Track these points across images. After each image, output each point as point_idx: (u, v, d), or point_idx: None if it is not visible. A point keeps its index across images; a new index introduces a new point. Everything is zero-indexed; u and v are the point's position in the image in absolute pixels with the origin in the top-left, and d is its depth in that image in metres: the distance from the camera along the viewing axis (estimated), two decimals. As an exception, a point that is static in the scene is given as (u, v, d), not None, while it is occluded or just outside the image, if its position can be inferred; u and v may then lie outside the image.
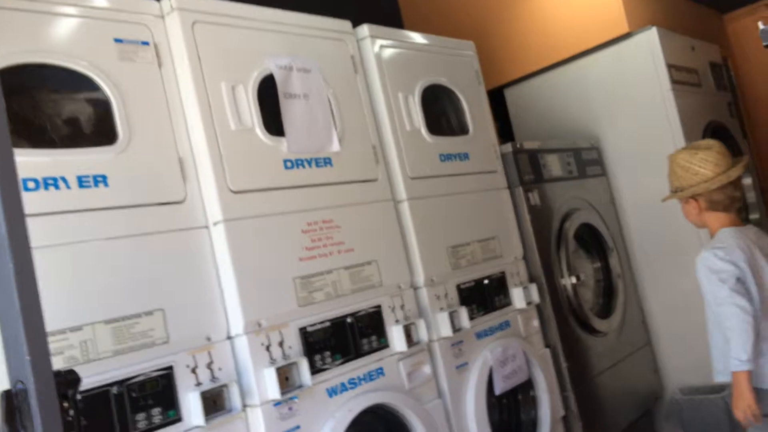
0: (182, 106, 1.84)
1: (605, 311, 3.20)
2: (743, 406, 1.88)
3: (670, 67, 3.36)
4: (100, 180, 1.63)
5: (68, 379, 0.88)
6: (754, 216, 3.81)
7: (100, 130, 1.69)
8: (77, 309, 1.53)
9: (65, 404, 0.86)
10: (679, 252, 3.28)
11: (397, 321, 2.20)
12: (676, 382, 3.38)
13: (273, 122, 2.00)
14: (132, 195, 1.68)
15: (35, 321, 0.85)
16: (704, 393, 3.08)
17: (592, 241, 3.30)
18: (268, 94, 2.01)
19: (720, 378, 2.09)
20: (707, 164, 2.02)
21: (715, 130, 3.59)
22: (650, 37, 3.35)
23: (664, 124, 3.34)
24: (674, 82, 3.36)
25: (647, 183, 3.34)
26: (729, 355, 1.92)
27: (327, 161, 2.12)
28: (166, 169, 1.77)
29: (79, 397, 0.89)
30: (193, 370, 1.68)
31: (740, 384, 1.89)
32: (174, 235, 1.74)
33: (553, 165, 3.13)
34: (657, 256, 3.41)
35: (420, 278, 2.34)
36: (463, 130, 2.76)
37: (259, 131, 1.94)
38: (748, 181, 3.84)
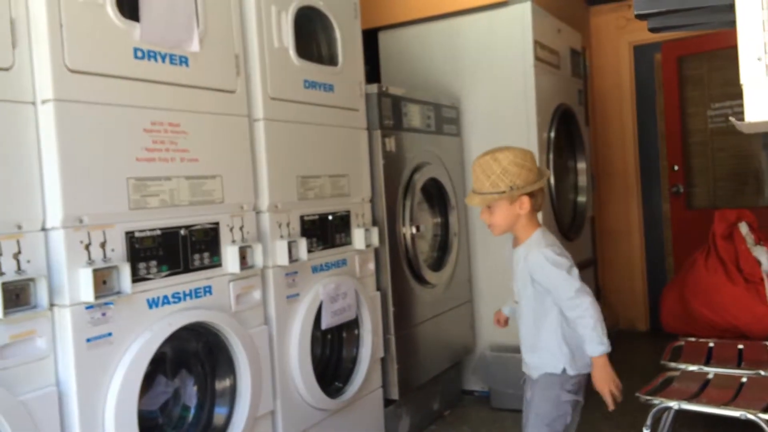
0: (22, -39, 1.60)
1: (437, 265, 3.32)
2: (613, 386, 1.92)
3: (536, 43, 3.49)
4: None
5: None
6: (581, 198, 4.12)
7: None
8: None
9: None
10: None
11: (233, 241, 2.12)
12: (488, 339, 3.61)
13: (128, 4, 1.81)
14: (-55, 49, 1.44)
15: None
16: (511, 351, 3.31)
17: (436, 197, 3.39)
18: (127, -28, 1.81)
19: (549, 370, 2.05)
20: (534, 163, 2.05)
21: (563, 113, 3.80)
22: (524, 10, 3.45)
23: (521, 97, 3.48)
24: (537, 59, 3.49)
25: (496, 150, 3.48)
26: (566, 347, 1.99)
27: (183, 60, 1.96)
28: (-8, 28, 1.54)
29: None
30: (-4, 258, 1.51)
31: (606, 366, 1.92)
32: (-8, 104, 1.53)
33: (414, 116, 3.15)
34: (492, 221, 3.58)
35: (264, 202, 2.27)
36: (332, 61, 2.68)
37: (111, 9, 1.74)
38: (582, 165, 4.13)
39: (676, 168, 4.77)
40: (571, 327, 1.98)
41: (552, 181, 3.57)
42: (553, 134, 3.61)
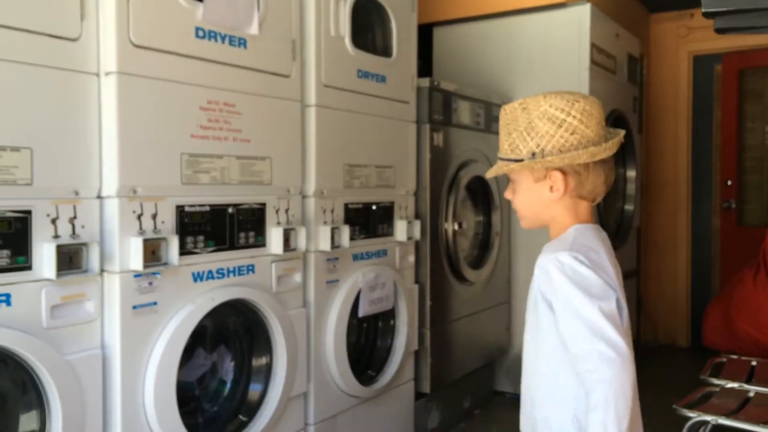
0: (95, -63, 1.65)
1: (477, 263, 3.31)
2: None
3: (593, 46, 3.44)
4: (-15, -10, 1.44)
5: None
6: (629, 207, 4.05)
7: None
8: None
9: None
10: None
11: (278, 223, 2.15)
12: (522, 342, 3.57)
13: (193, -16, 1.86)
14: (17, 18, 1.50)
15: None
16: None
17: (480, 195, 3.38)
18: (194, -47, 1.85)
19: None
20: (591, 121, 1.22)
21: (616, 119, 3.75)
22: (583, 12, 3.41)
23: (574, 100, 3.43)
24: (593, 62, 3.45)
25: (544, 152, 3.45)
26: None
27: (242, 42, 2.00)
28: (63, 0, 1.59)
29: None
30: (53, 221, 1.56)
31: None
32: (59, 73, 1.59)
33: (464, 112, 3.15)
34: (536, 223, 3.55)
35: (311, 187, 2.30)
36: (386, 52, 2.70)
37: (176, -12, 1.80)
38: (632, 174, 4.06)
39: (729, 183, 4.65)
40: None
41: (599, 187, 3.52)
42: (603, 140, 3.56)
